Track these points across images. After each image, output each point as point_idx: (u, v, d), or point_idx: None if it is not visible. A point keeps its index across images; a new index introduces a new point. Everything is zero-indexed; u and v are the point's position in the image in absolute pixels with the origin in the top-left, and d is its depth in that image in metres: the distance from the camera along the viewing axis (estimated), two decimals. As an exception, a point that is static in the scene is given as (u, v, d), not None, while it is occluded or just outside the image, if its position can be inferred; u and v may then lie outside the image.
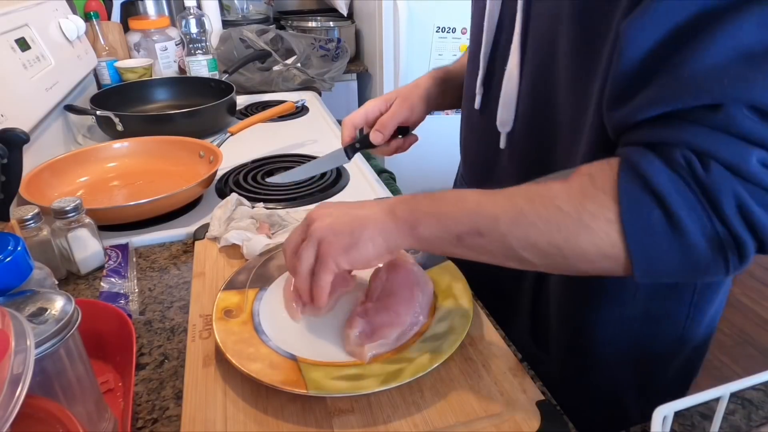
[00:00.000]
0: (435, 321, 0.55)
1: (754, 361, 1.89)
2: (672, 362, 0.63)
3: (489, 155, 0.66)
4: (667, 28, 0.37)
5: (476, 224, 0.44)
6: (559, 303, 0.63)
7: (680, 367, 0.64)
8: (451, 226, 0.45)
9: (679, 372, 0.65)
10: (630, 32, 0.39)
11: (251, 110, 1.38)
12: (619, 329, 0.60)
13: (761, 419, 0.48)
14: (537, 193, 0.43)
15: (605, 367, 0.62)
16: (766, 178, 0.36)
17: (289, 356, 0.51)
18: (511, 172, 0.63)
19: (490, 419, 0.46)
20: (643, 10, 0.39)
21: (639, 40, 0.39)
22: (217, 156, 0.90)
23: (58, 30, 1.15)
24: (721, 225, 0.37)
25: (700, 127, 0.37)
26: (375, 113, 0.75)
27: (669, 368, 0.64)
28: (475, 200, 0.45)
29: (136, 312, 0.63)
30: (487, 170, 0.68)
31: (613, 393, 0.64)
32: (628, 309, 0.58)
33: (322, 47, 1.72)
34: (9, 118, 0.81)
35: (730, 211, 0.36)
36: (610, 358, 0.61)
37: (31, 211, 0.65)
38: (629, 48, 0.39)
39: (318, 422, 0.46)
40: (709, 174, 0.36)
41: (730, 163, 0.36)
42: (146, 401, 0.51)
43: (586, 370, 0.64)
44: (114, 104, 1.16)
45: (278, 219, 0.75)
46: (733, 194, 0.36)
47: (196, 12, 1.39)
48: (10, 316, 0.35)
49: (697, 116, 0.37)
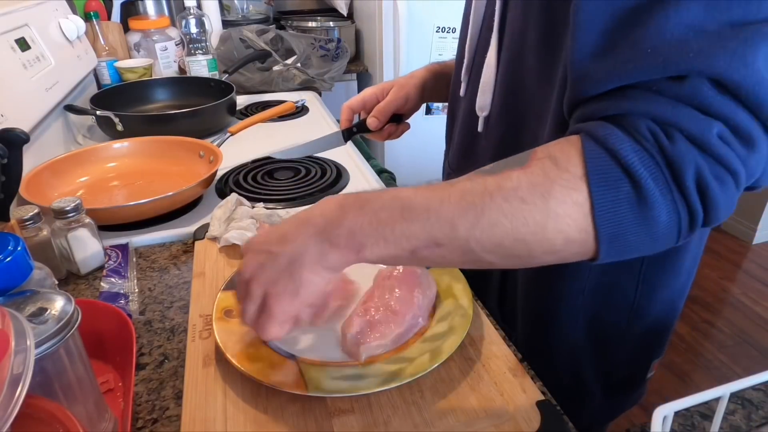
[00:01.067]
0: (435, 321, 0.55)
1: (754, 361, 1.89)
2: (626, 334, 0.66)
3: (469, 139, 0.70)
4: (618, 6, 0.38)
5: (431, 235, 0.39)
6: (524, 282, 0.67)
7: (637, 341, 0.67)
8: (402, 242, 0.40)
9: (636, 346, 0.68)
10: (582, 13, 0.39)
11: (251, 110, 1.38)
12: (575, 300, 0.63)
13: (761, 419, 0.48)
14: (494, 185, 0.39)
15: (565, 338, 0.66)
16: (723, 152, 0.36)
17: (289, 356, 0.51)
18: (487, 154, 0.67)
19: (490, 419, 0.46)
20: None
21: (592, 19, 0.39)
22: (217, 156, 0.90)
23: (58, 30, 1.15)
24: (680, 195, 0.37)
25: (665, 98, 0.37)
26: (372, 100, 0.79)
27: (624, 339, 0.66)
28: (423, 206, 0.40)
29: (136, 312, 0.63)
30: (467, 153, 0.71)
31: (573, 363, 0.68)
32: (583, 282, 0.62)
33: (322, 47, 1.72)
34: (9, 118, 0.81)
35: (690, 182, 0.36)
36: (569, 328, 0.65)
37: (31, 211, 0.65)
38: (584, 27, 0.39)
39: (318, 422, 0.46)
40: (674, 145, 0.36)
41: (693, 136, 0.36)
42: (146, 401, 0.51)
43: (549, 342, 0.67)
44: (114, 104, 1.16)
45: (278, 219, 0.75)
46: (694, 166, 0.36)
47: (196, 12, 1.39)
48: (10, 316, 0.35)
49: (660, 87, 0.37)
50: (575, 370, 0.69)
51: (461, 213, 0.39)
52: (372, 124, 0.77)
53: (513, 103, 0.61)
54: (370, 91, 0.80)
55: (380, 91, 0.79)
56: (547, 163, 0.38)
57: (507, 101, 0.62)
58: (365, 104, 0.80)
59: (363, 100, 0.80)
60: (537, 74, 0.55)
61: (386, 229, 0.40)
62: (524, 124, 0.60)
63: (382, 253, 0.41)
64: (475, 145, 0.70)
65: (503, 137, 0.64)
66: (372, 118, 0.77)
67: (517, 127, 0.61)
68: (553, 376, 0.67)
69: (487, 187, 0.39)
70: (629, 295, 0.63)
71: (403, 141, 0.76)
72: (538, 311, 0.67)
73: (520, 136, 0.61)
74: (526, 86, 0.58)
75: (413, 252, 0.40)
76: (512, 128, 0.62)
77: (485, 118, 0.66)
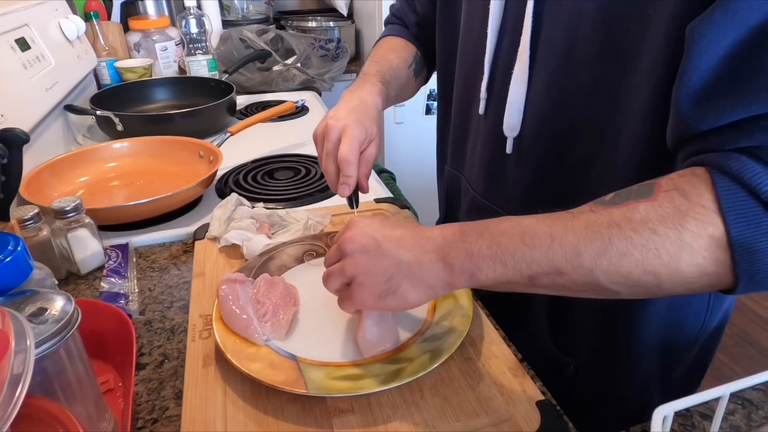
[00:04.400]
0: (435, 321, 0.55)
1: (754, 361, 1.89)
2: (692, 350, 0.64)
3: (495, 160, 0.65)
4: (744, 30, 0.37)
5: (553, 262, 0.39)
6: (584, 307, 0.62)
7: (697, 355, 0.65)
8: (522, 268, 0.40)
9: (694, 360, 0.66)
10: (706, 33, 0.38)
11: (251, 110, 1.38)
12: (646, 323, 0.60)
13: (761, 419, 0.48)
14: (621, 216, 0.38)
15: (632, 361, 0.63)
16: None
17: (289, 356, 0.51)
18: (520, 178, 0.63)
19: (490, 419, 0.46)
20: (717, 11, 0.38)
21: (717, 41, 0.38)
22: (217, 156, 0.90)
23: (58, 30, 1.15)
24: None
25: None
26: (332, 174, 0.61)
27: (688, 356, 0.65)
28: (545, 233, 0.40)
29: (136, 312, 0.63)
30: (496, 176, 0.66)
31: (638, 386, 0.65)
32: (655, 302, 0.58)
33: (322, 47, 1.72)
34: (9, 118, 0.81)
35: None
36: (637, 351, 0.62)
37: (31, 211, 0.65)
38: (707, 49, 0.38)
39: (318, 422, 0.46)
40: None
41: None
42: (146, 401, 0.51)
43: (614, 367, 0.64)
44: (114, 104, 1.16)
45: (278, 219, 0.75)
46: None
47: (196, 12, 1.39)
48: (10, 316, 0.35)
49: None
50: (644, 397, 0.65)
51: (587, 242, 0.38)
52: (345, 193, 0.60)
53: (554, 123, 0.57)
54: (327, 166, 0.61)
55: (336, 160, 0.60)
56: (675, 195, 0.38)
57: (546, 121, 0.57)
58: None
59: None
60: (592, 90, 0.52)
61: (506, 254, 0.40)
62: (571, 146, 0.56)
63: (499, 277, 0.41)
64: (503, 168, 0.64)
65: (542, 160, 0.59)
66: (343, 187, 0.59)
67: (561, 149, 0.57)
68: (620, 404, 0.65)
69: (613, 218, 0.38)
70: (700, 314, 0.61)
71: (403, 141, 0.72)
72: (607, 339, 0.62)
73: (565, 158, 0.57)
74: (576, 104, 0.54)
75: (531, 278, 0.40)
76: (554, 150, 0.58)
77: (515, 139, 0.61)
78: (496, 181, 0.66)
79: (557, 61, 0.54)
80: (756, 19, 0.36)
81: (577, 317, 0.64)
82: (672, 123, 0.43)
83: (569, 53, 0.52)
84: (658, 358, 0.63)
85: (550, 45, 0.54)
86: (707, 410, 0.49)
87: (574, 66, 0.53)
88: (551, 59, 0.54)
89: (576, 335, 0.65)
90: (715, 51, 0.38)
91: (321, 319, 0.57)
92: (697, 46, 0.38)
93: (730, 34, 0.37)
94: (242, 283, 0.57)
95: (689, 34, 0.39)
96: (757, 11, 0.36)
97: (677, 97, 0.41)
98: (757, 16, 0.36)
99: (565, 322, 0.65)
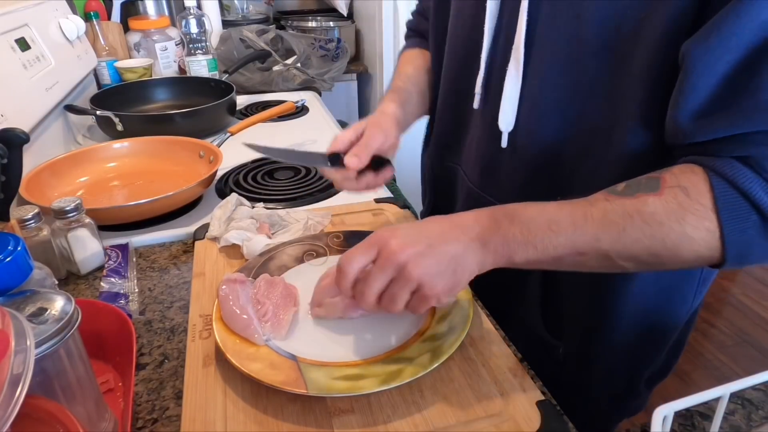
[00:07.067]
0: (435, 321, 0.55)
1: (754, 361, 1.89)
2: (673, 334, 0.67)
3: (491, 154, 0.66)
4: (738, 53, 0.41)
5: (575, 246, 0.46)
6: (573, 287, 0.65)
7: (675, 339, 0.68)
8: (549, 250, 0.46)
9: (672, 345, 0.69)
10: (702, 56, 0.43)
11: (251, 110, 1.38)
12: (633, 305, 0.62)
13: (761, 419, 0.48)
14: (633, 209, 0.45)
15: (617, 343, 0.65)
16: None
17: (289, 356, 0.51)
18: (516, 171, 0.64)
19: (490, 419, 0.46)
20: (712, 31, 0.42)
21: (713, 63, 0.42)
22: (217, 156, 0.90)
23: (58, 30, 1.15)
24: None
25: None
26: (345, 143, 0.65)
27: (670, 340, 0.68)
28: (568, 221, 0.46)
29: (136, 312, 0.63)
30: (491, 169, 0.68)
31: (623, 368, 0.67)
32: (643, 284, 0.61)
33: (322, 47, 1.72)
34: (9, 118, 0.81)
35: None
36: (623, 333, 0.64)
37: (31, 211, 0.65)
38: (704, 72, 0.43)
39: (318, 422, 0.46)
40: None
41: None
42: (146, 401, 0.51)
43: (600, 348, 0.66)
44: (114, 104, 1.16)
45: (278, 219, 0.75)
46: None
47: (196, 12, 1.39)
48: (10, 316, 0.35)
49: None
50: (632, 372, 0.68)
51: (605, 230, 0.45)
52: (351, 162, 0.62)
53: (548, 119, 0.58)
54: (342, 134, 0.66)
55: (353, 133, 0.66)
56: (678, 192, 0.44)
57: (540, 116, 0.59)
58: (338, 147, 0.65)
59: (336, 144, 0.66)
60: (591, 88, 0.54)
61: (536, 239, 0.46)
62: (565, 142, 0.58)
63: (531, 258, 0.47)
64: (498, 162, 0.66)
65: (536, 155, 0.61)
66: (352, 156, 0.62)
67: (554, 145, 0.59)
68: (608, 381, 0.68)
69: (626, 208, 0.45)
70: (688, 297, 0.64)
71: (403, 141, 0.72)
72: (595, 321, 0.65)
73: (558, 153, 0.59)
74: (573, 100, 0.56)
75: (557, 258, 0.47)
76: (547, 144, 0.60)
77: (510, 134, 0.62)
78: (492, 173, 0.68)
79: (554, 59, 0.55)
80: (749, 40, 0.41)
81: (566, 302, 0.66)
82: (669, 131, 0.48)
83: (563, 52, 0.54)
84: (645, 339, 0.65)
85: (547, 43, 0.55)
86: (707, 410, 0.49)
87: (568, 65, 0.54)
88: (548, 56, 0.56)
89: (564, 317, 0.68)
90: (712, 74, 0.43)
91: (321, 319, 0.57)
92: (695, 69, 0.43)
93: (725, 57, 0.42)
94: (242, 283, 0.57)
95: (686, 54, 0.44)
96: (748, 33, 0.41)
97: (675, 112, 0.46)
98: (749, 37, 0.41)
99: (556, 307, 0.68)
